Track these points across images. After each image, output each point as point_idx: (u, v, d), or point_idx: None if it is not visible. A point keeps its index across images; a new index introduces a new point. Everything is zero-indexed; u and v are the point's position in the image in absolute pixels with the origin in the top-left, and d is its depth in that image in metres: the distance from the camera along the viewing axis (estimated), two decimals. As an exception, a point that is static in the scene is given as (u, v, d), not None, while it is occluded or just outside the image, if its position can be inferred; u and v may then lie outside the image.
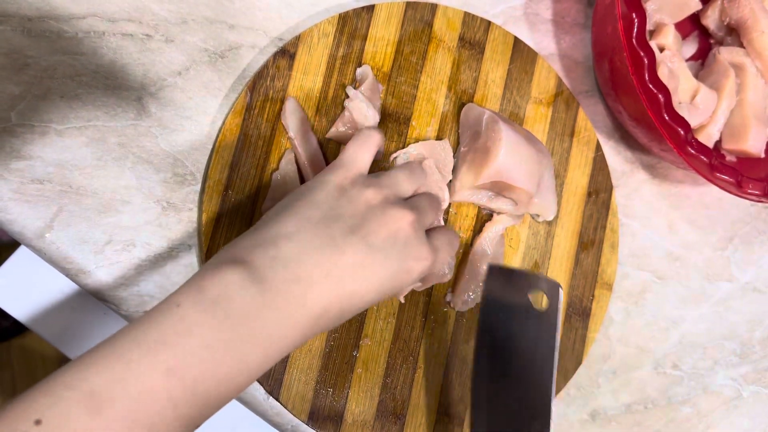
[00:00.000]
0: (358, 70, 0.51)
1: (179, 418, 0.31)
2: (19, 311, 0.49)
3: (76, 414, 0.28)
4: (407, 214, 0.39)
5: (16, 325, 1.21)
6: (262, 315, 0.33)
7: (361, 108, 0.49)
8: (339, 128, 0.50)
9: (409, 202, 0.42)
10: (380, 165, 0.52)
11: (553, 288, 0.44)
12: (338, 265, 0.36)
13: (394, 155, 0.51)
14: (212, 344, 0.32)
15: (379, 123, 0.52)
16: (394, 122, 0.52)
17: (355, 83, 0.51)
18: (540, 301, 0.44)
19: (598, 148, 0.60)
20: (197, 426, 0.32)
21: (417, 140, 0.53)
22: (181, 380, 0.30)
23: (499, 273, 0.46)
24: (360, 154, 0.42)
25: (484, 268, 0.53)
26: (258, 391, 0.48)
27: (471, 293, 0.53)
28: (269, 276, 0.34)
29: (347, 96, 0.50)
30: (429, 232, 0.42)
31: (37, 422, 0.27)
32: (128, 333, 0.31)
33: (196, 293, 0.32)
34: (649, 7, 0.60)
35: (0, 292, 0.49)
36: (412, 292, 0.51)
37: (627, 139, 0.63)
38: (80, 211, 0.45)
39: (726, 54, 0.62)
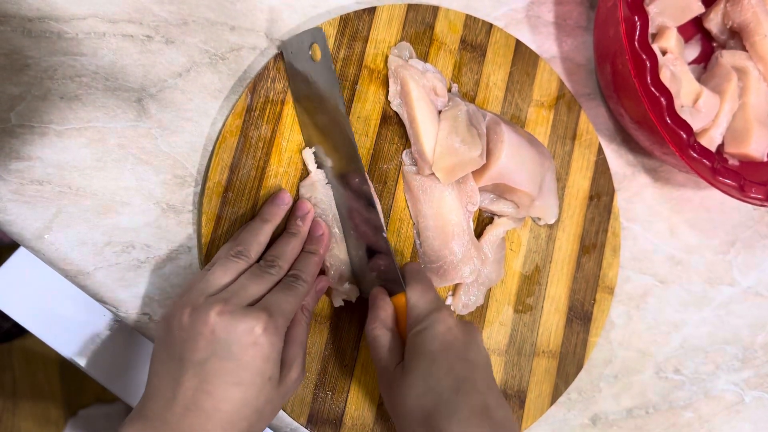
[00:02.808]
0: (399, 44, 0.52)
1: None
2: (18, 313, 0.49)
3: None
4: (214, 309, 0.39)
5: (17, 326, 1.21)
6: None
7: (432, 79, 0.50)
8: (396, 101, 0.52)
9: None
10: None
11: (317, 35, 0.47)
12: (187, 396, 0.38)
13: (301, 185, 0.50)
14: None
15: (381, 124, 0.52)
16: (395, 124, 0.52)
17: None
18: (317, 52, 0.47)
19: (600, 151, 0.59)
20: None
21: (418, 143, 0.53)
22: None
23: (287, 45, 0.49)
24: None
25: (483, 272, 0.53)
26: (257, 394, 0.48)
27: (472, 296, 0.52)
28: (152, 422, 0.38)
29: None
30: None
31: None
32: None
33: None
34: (652, 10, 0.59)
35: (-1, 293, 0.49)
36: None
37: (629, 143, 0.63)
38: (79, 213, 0.45)
39: (728, 57, 0.61)
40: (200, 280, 0.42)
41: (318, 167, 0.49)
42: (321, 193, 0.48)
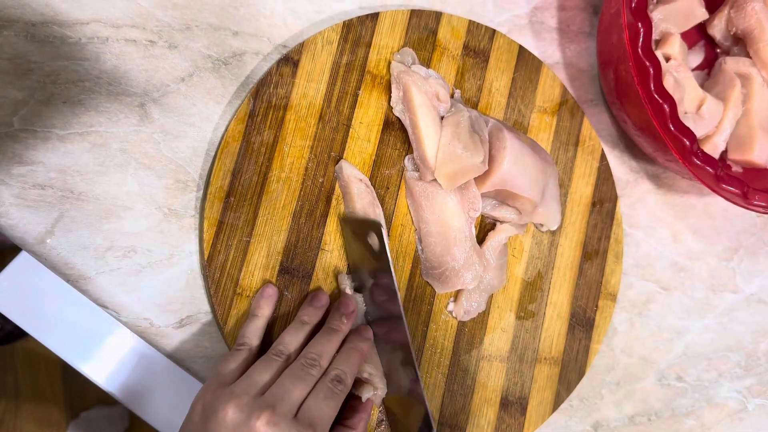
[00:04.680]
0: (402, 50, 0.52)
1: None
2: (19, 316, 0.49)
3: None
4: (262, 419, 0.39)
5: (19, 328, 1.22)
6: None
7: (435, 85, 0.50)
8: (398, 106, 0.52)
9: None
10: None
11: (374, 228, 0.46)
12: None
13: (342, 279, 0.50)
14: None
15: (383, 129, 0.52)
16: (398, 130, 0.52)
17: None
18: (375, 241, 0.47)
19: (603, 157, 0.59)
20: None
21: (420, 148, 0.53)
22: None
23: (347, 224, 0.50)
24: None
25: (485, 278, 0.52)
26: (258, 400, 0.48)
27: (474, 302, 0.52)
28: None
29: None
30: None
31: None
32: None
33: None
34: (655, 16, 0.59)
35: (0, 297, 0.49)
36: (413, 301, 0.51)
37: (632, 149, 0.63)
38: (81, 217, 0.45)
39: (732, 64, 0.61)
40: (244, 377, 0.41)
41: (356, 290, 0.50)
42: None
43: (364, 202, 0.49)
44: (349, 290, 0.49)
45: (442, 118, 0.52)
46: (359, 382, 0.47)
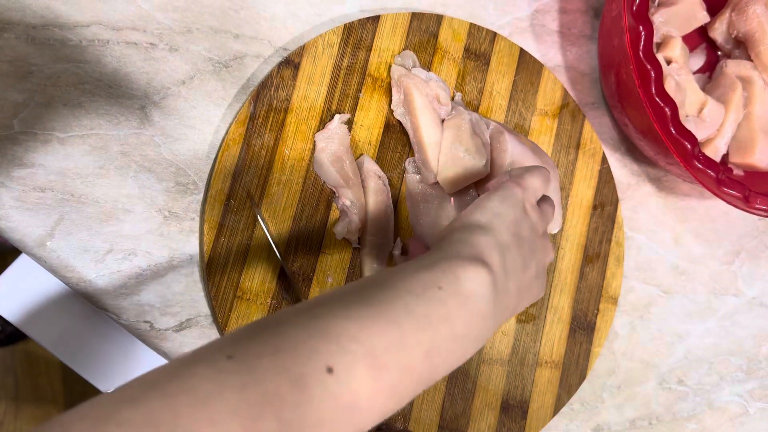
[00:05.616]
0: (403, 53, 0.52)
1: (408, 399, 0.31)
2: (19, 319, 0.49)
3: (361, 372, 0.27)
4: (549, 252, 0.42)
5: (20, 330, 1.22)
6: (487, 323, 0.34)
7: (436, 88, 0.50)
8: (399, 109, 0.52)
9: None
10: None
11: None
12: (524, 283, 0.38)
13: None
14: (459, 337, 0.32)
15: (384, 132, 0.51)
16: (398, 132, 0.52)
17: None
18: None
19: (604, 160, 0.59)
20: None
21: (421, 151, 0.53)
22: (430, 365, 0.31)
23: None
24: (540, 185, 0.42)
25: None
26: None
27: None
28: (500, 287, 0.35)
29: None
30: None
31: (330, 370, 0.26)
32: (397, 294, 0.31)
33: (454, 282, 0.33)
34: (657, 19, 0.59)
35: (0, 299, 0.49)
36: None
37: (633, 152, 0.63)
38: (81, 220, 0.45)
39: (733, 67, 0.61)
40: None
41: None
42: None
43: (378, 198, 0.49)
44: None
45: (442, 121, 0.52)
46: None
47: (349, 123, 0.51)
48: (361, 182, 0.49)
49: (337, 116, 0.49)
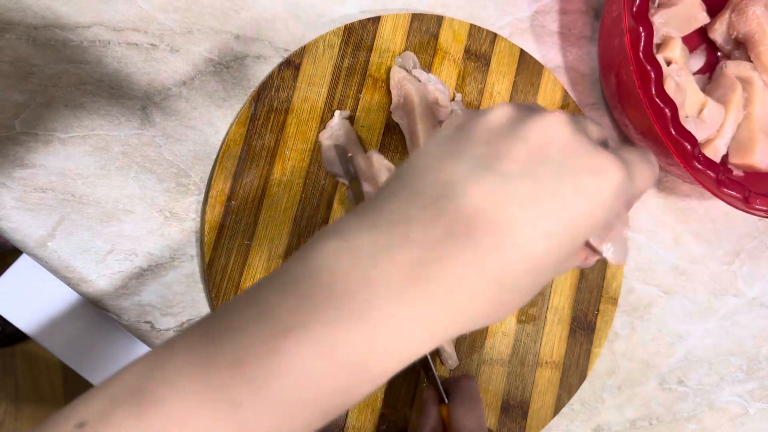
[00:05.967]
0: (403, 54, 0.52)
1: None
2: (20, 319, 0.49)
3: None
4: (557, 117, 0.27)
5: (20, 331, 1.22)
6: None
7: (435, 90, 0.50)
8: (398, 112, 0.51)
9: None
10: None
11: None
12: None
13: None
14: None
15: (384, 132, 0.52)
16: (399, 134, 0.52)
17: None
18: None
19: (604, 161, 0.59)
20: None
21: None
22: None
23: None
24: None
25: None
26: (258, 404, 0.48)
27: None
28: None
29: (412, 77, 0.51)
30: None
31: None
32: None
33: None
34: (657, 20, 0.59)
35: (1, 300, 0.49)
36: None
37: (633, 153, 0.63)
38: (82, 220, 0.45)
39: (733, 68, 0.61)
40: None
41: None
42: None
43: None
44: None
45: (441, 122, 0.52)
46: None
47: (350, 123, 0.51)
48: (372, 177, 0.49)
49: (337, 112, 0.49)
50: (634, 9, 0.51)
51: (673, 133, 0.51)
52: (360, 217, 0.26)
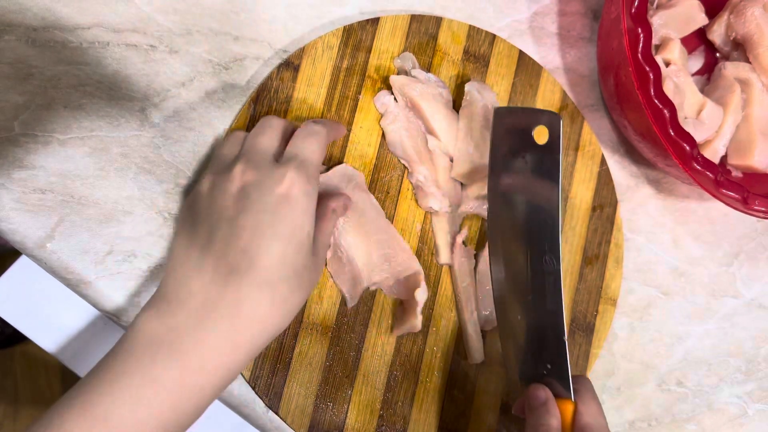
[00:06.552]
0: (402, 55, 0.52)
1: None
2: (19, 321, 0.49)
3: None
4: (237, 167, 0.37)
5: (19, 332, 1.22)
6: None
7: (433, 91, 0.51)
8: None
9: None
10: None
11: (553, 119, 0.43)
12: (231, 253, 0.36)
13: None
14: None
15: (384, 135, 0.52)
16: (397, 135, 0.52)
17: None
18: (542, 135, 0.44)
19: (603, 162, 0.59)
20: None
21: (420, 153, 0.53)
22: None
23: (504, 114, 0.47)
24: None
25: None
26: (257, 405, 0.48)
27: (492, 310, 0.52)
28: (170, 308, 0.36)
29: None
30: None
31: None
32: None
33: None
34: (655, 21, 0.59)
35: (0, 300, 0.49)
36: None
37: (632, 154, 0.63)
38: (82, 221, 0.45)
39: (732, 69, 0.61)
40: (214, 158, 0.41)
41: None
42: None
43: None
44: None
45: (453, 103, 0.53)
46: None
47: (349, 126, 0.51)
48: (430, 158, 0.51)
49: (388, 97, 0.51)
50: (633, 10, 0.51)
51: (672, 134, 0.51)
52: (156, 302, 0.36)
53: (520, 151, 0.46)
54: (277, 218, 0.35)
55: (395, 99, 0.51)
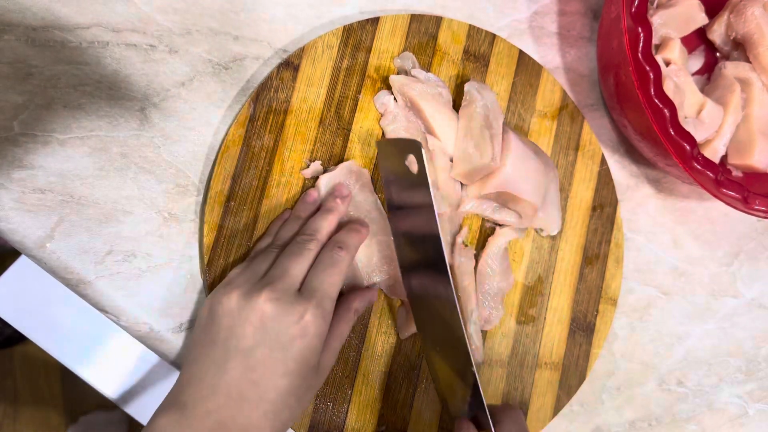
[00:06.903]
0: (402, 55, 0.52)
1: None
2: (19, 320, 0.49)
3: None
4: (262, 296, 0.39)
5: (19, 332, 1.21)
6: None
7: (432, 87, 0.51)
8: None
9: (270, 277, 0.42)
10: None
11: (414, 148, 0.43)
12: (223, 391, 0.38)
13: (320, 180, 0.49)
14: None
15: (383, 134, 0.52)
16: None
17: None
18: (413, 164, 0.44)
19: (603, 162, 0.59)
20: None
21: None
22: None
23: (383, 146, 0.48)
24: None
25: (494, 285, 0.52)
26: (257, 405, 0.48)
27: (490, 309, 0.52)
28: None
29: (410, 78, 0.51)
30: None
31: None
32: None
33: None
34: (655, 21, 0.59)
35: (0, 301, 0.49)
36: (414, 306, 0.51)
37: (632, 153, 0.63)
38: (81, 221, 0.45)
39: (732, 69, 0.61)
40: (243, 269, 0.43)
41: None
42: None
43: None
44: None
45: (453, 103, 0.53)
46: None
47: (349, 125, 0.51)
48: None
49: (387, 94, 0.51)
50: (633, 10, 0.51)
51: (672, 133, 0.51)
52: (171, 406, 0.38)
53: (401, 182, 0.46)
54: (289, 355, 0.39)
55: (395, 99, 0.51)
